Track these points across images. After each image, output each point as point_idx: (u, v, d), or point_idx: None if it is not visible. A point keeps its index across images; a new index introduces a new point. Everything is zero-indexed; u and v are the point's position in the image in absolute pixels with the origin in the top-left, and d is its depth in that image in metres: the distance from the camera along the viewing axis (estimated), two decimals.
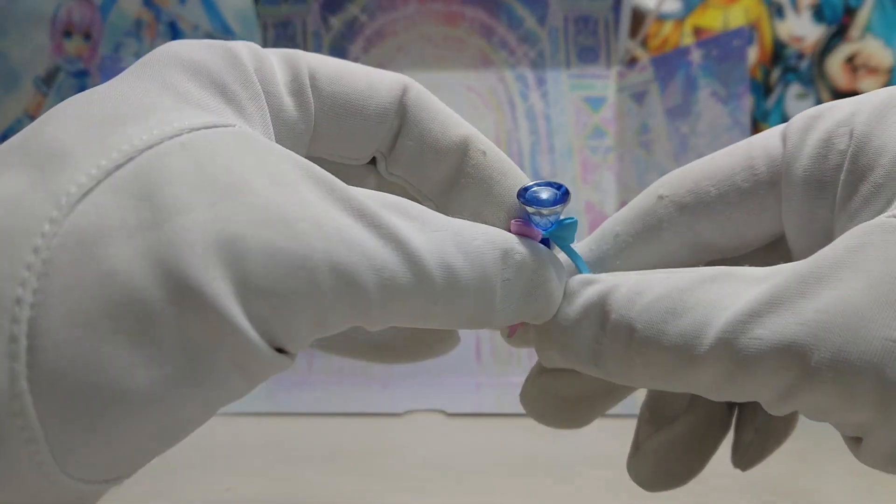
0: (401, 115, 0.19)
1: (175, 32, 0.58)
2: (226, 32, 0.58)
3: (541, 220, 0.18)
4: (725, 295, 0.15)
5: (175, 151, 0.13)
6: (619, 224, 0.19)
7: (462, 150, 0.19)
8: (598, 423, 0.38)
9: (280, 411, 0.41)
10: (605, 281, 0.17)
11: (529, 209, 0.18)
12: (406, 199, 0.16)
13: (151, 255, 0.12)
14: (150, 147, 0.13)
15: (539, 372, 0.21)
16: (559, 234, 0.18)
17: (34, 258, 0.12)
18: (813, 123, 0.17)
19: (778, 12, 0.61)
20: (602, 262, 0.19)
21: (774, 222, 0.18)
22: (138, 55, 0.17)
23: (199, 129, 0.14)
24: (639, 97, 0.54)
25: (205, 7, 0.58)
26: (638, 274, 0.17)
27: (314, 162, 0.16)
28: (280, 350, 0.14)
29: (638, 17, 0.62)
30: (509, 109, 0.55)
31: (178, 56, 0.16)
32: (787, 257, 0.18)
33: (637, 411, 0.40)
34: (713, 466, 0.32)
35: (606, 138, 0.56)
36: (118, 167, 0.13)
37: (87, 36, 0.58)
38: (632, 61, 0.58)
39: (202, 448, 0.35)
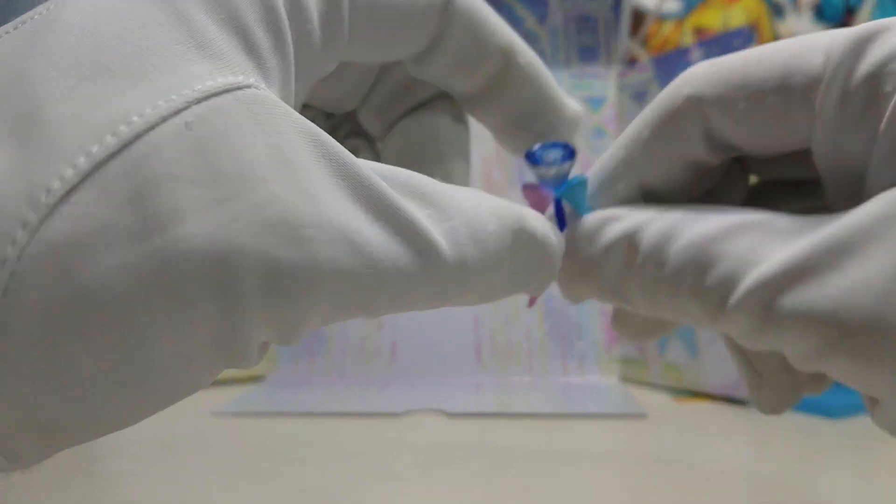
0: (444, 21, 0.18)
1: None
2: None
3: (549, 180, 0.18)
4: (756, 247, 0.15)
5: (178, 135, 0.12)
6: (646, 126, 0.19)
7: (503, 59, 0.19)
8: (599, 424, 0.38)
9: (280, 411, 0.41)
10: (629, 218, 0.17)
11: (537, 170, 0.18)
12: (419, 176, 0.15)
13: (136, 273, 0.11)
14: (151, 128, 0.12)
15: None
16: (570, 195, 0.19)
17: (1, 271, 0.11)
18: (862, 48, 0.16)
19: (778, 12, 0.61)
20: (630, 164, 0.19)
21: (802, 139, 0.17)
22: None
23: (209, 96, 0.12)
24: (639, 97, 0.54)
25: None
26: (661, 212, 0.17)
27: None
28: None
29: (638, 17, 0.62)
30: None
31: None
32: (812, 168, 0.18)
33: (637, 411, 0.40)
34: (713, 466, 0.32)
35: (606, 138, 0.56)
36: (111, 156, 0.11)
37: None
38: (632, 61, 0.58)
39: (202, 448, 0.35)
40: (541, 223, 0.17)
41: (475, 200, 0.15)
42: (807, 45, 0.16)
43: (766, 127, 0.17)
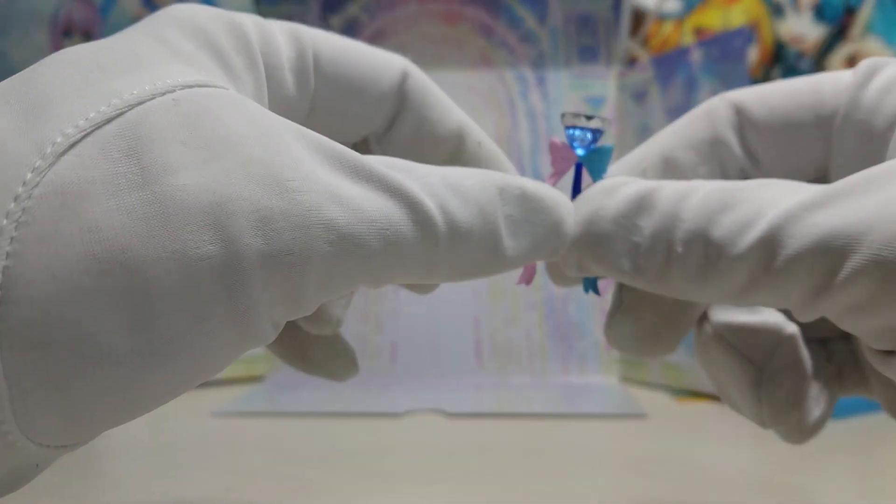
0: (400, 100, 0.19)
1: None
2: None
3: (578, 140, 0.19)
4: (783, 192, 0.15)
5: (166, 108, 0.13)
6: (685, 119, 0.20)
7: (458, 139, 0.20)
8: (599, 424, 0.38)
9: (280, 411, 0.41)
10: (646, 182, 0.17)
11: (570, 120, 0.18)
12: (389, 157, 0.16)
13: (137, 215, 0.12)
14: (141, 102, 0.13)
15: (617, 307, 0.20)
16: (594, 158, 0.19)
17: (14, 206, 0.12)
18: (879, 67, 0.17)
19: (778, 12, 0.61)
20: (660, 148, 0.20)
21: (822, 156, 0.18)
22: None
23: (191, 86, 0.14)
24: (639, 97, 0.54)
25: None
26: (684, 181, 0.17)
27: None
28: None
29: (638, 17, 0.62)
30: (509, 109, 0.55)
31: (179, 17, 0.16)
32: None
33: (637, 411, 0.40)
34: (713, 466, 0.32)
35: (606, 138, 0.56)
36: (107, 121, 0.13)
37: (88, 36, 0.58)
38: (632, 61, 0.58)
39: (202, 448, 0.35)
40: (531, 182, 0.17)
41: (449, 168, 0.16)
42: (831, 77, 0.18)
43: (792, 127, 0.18)
